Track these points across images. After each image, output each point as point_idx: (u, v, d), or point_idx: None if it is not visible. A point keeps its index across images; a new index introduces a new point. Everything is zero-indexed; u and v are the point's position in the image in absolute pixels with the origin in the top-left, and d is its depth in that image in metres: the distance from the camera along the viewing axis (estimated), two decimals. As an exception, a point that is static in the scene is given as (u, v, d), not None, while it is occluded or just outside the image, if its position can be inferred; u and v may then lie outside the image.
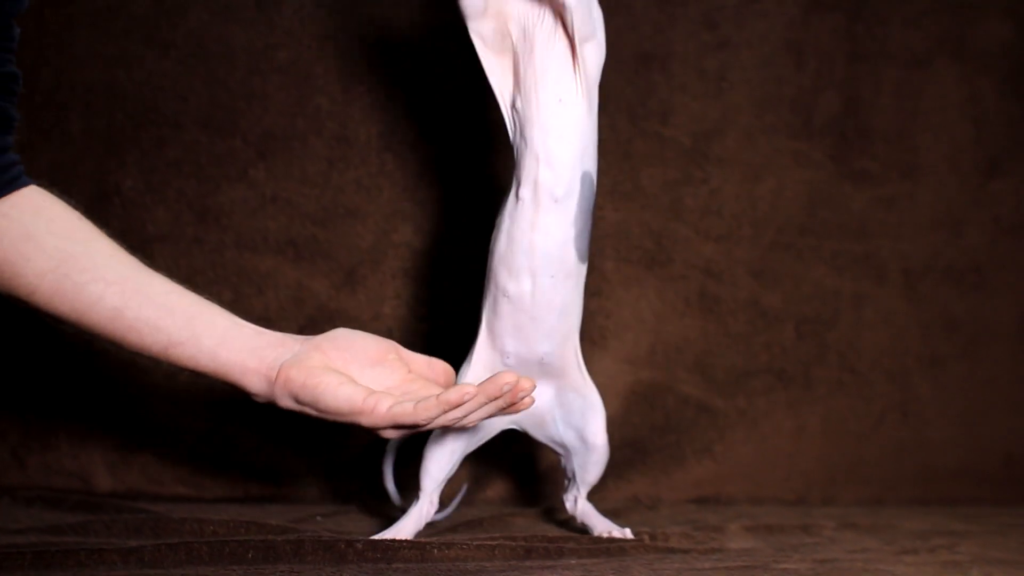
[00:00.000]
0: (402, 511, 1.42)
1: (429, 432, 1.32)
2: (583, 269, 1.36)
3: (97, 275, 1.17)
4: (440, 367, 1.23)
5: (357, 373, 1.18)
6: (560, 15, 1.31)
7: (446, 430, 1.38)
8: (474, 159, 1.86)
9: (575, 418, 1.41)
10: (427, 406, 1.12)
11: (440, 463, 1.40)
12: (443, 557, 1.25)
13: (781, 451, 1.92)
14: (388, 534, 1.35)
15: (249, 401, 1.42)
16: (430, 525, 1.47)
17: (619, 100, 1.90)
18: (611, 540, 1.37)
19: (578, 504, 1.46)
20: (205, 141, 1.83)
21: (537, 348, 1.37)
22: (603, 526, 1.42)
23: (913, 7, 1.99)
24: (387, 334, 1.81)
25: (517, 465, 1.84)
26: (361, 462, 1.81)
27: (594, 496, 1.49)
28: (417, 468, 1.42)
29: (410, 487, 1.46)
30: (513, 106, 1.35)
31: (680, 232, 1.91)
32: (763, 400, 1.93)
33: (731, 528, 1.50)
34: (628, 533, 1.41)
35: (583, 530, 1.45)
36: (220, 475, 1.80)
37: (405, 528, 1.38)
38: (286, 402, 1.17)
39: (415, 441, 1.41)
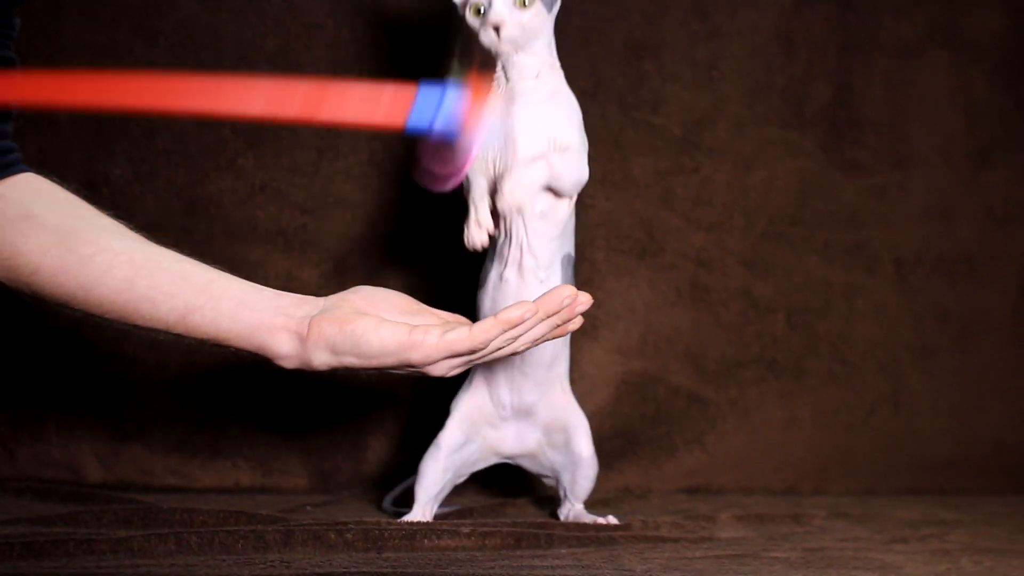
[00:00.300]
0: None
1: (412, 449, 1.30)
2: None
3: (103, 246, 1.11)
4: (465, 323, 1.14)
5: (388, 317, 1.10)
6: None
7: (438, 451, 1.43)
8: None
9: (560, 439, 1.47)
10: (485, 327, 1.06)
11: (434, 478, 1.44)
12: (433, 547, 1.24)
13: (772, 441, 1.92)
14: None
15: (239, 391, 1.41)
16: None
17: (610, 90, 1.90)
18: (599, 528, 1.38)
19: (571, 514, 1.49)
20: (194, 131, 1.82)
21: (527, 398, 1.45)
22: (591, 520, 1.45)
23: (904, -3, 1.99)
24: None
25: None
26: (350, 453, 1.81)
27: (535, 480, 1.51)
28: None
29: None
30: (494, 209, 1.38)
31: (671, 222, 1.91)
32: (754, 390, 1.92)
33: (722, 517, 1.50)
34: (612, 519, 1.44)
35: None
36: (210, 466, 1.79)
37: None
38: (322, 357, 1.08)
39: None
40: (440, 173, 0.96)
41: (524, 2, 1.35)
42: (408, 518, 1.41)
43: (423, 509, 1.43)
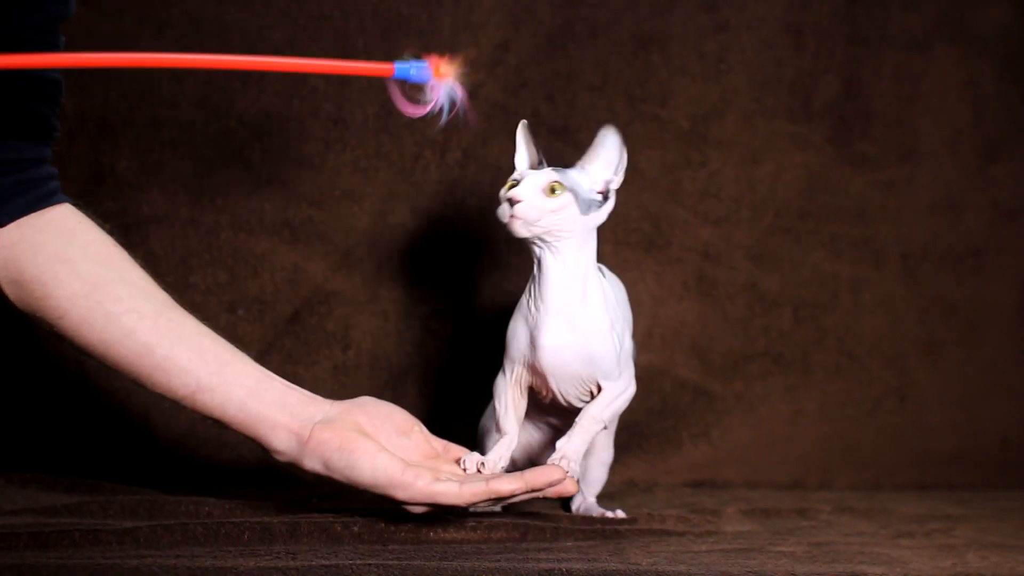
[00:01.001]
0: None
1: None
2: None
3: (131, 306, 1.14)
4: (455, 453, 1.22)
5: (385, 441, 1.16)
6: None
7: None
8: (472, 140, 1.85)
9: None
10: (475, 491, 1.11)
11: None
12: (439, 539, 1.24)
13: (778, 435, 1.92)
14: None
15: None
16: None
17: (617, 82, 1.89)
18: (605, 521, 1.37)
19: (582, 507, 1.46)
20: (200, 122, 1.82)
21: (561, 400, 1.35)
22: (599, 513, 1.43)
23: (912, -10, 1.98)
24: (383, 317, 1.82)
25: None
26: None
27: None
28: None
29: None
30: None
31: (678, 215, 1.91)
32: (760, 384, 1.92)
33: (727, 511, 1.50)
34: (620, 513, 1.42)
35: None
36: (216, 456, 1.79)
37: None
38: (312, 464, 1.15)
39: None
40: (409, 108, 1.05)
41: (554, 189, 1.27)
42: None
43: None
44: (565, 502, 1.51)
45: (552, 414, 1.37)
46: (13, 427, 1.78)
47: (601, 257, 1.87)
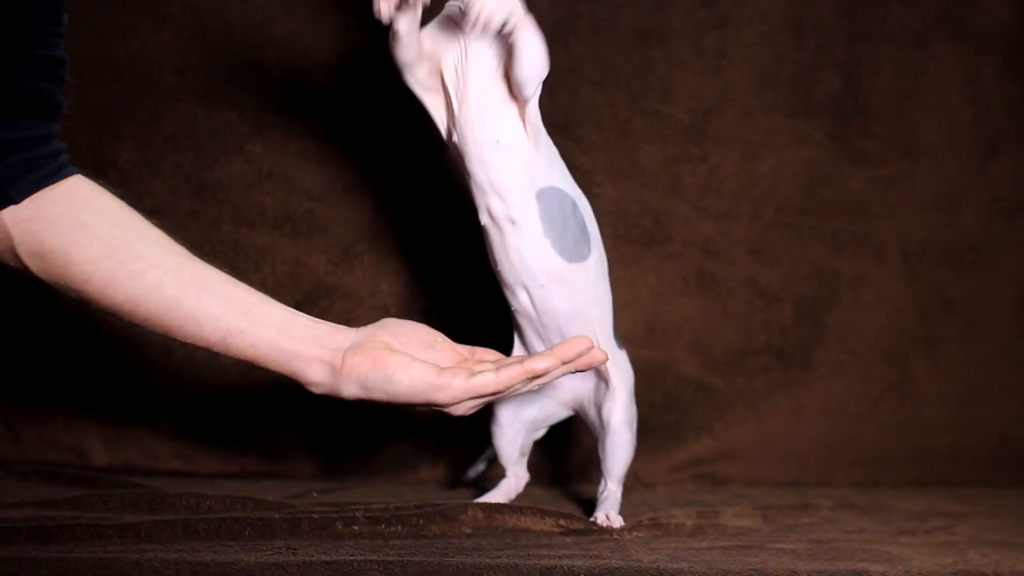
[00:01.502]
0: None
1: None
2: (583, 267, 1.35)
3: (153, 262, 1.15)
4: (482, 356, 1.23)
5: (414, 355, 1.17)
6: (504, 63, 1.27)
7: (497, 426, 1.44)
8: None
9: (598, 398, 1.41)
10: (512, 373, 1.13)
11: (507, 447, 1.44)
12: (440, 533, 1.25)
13: (779, 431, 1.92)
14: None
15: (245, 376, 1.41)
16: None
17: (618, 77, 1.89)
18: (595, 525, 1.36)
19: (606, 498, 1.41)
20: (202, 114, 1.82)
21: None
22: (602, 514, 1.39)
23: (913, -14, 1.98)
24: (384, 311, 1.82)
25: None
26: (356, 437, 1.81)
27: (592, 474, 1.49)
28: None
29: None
30: (450, 139, 1.33)
31: (679, 210, 1.91)
32: (761, 380, 1.92)
33: (728, 507, 1.50)
34: (616, 523, 1.37)
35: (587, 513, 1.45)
36: (216, 450, 1.80)
37: (494, 498, 1.42)
38: (351, 390, 1.15)
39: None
40: None
41: None
42: (503, 485, 1.42)
43: (513, 471, 1.44)
44: (591, 489, 1.50)
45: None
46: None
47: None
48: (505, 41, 1.25)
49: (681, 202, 1.91)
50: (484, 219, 1.33)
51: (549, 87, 1.85)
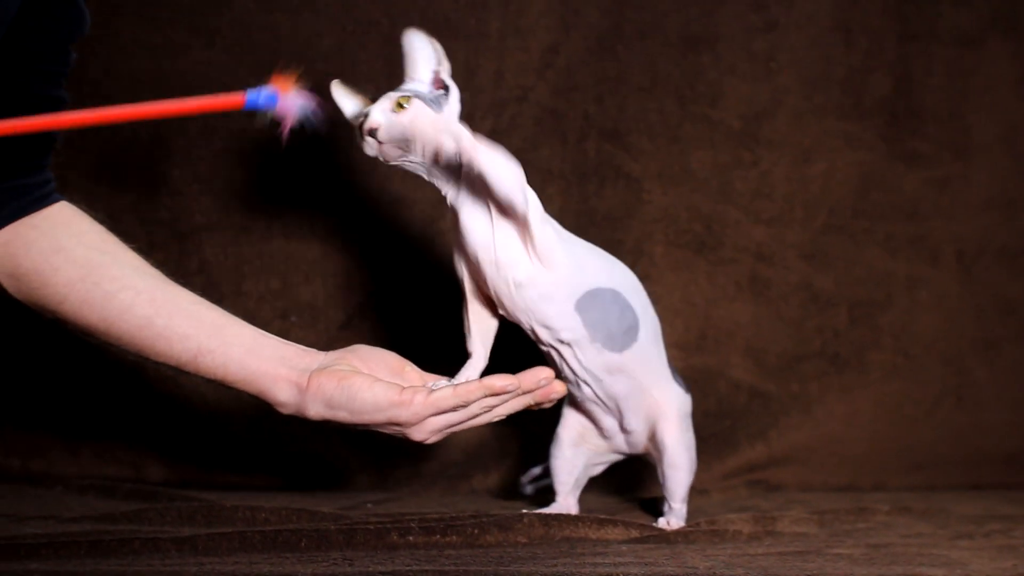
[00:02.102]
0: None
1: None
2: (637, 346, 1.34)
3: (127, 283, 1.19)
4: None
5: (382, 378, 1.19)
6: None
7: (558, 446, 1.43)
8: (522, 144, 1.85)
9: (651, 420, 1.39)
10: (469, 388, 1.15)
11: (564, 470, 1.43)
12: (495, 542, 1.24)
13: (834, 436, 1.90)
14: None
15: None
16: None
17: (667, 83, 1.89)
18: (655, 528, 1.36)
19: (671, 522, 1.40)
20: (251, 129, 1.82)
21: (630, 424, 1.40)
22: (663, 520, 1.39)
23: (963, -15, 1.96)
24: (436, 322, 1.82)
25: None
26: (410, 449, 1.81)
27: (647, 481, 1.48)
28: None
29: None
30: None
31: (730, 215, 1.90)
32: (816, 385, 1.91)
33: (784, 513, 1.48)
34: (675, 524, 1.38)
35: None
36: (271, 463, 1.80)
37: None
38: (317, 409, 1.17)
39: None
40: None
41: (400, 104, 1.23)
42: (550, 509, 1.41)
43: (564, 500, 1.43)
44: (652, 508, 1.50)
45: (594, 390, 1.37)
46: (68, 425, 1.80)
47: (652, 258, 1.87)
48: (476, 178, 1.24)
49: (732, 207, 1.90)
50: (540, 345, 1.33)
51: (598, 94, 1.87)
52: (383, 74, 1.83)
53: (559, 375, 1.34)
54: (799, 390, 1.90)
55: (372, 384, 1.16)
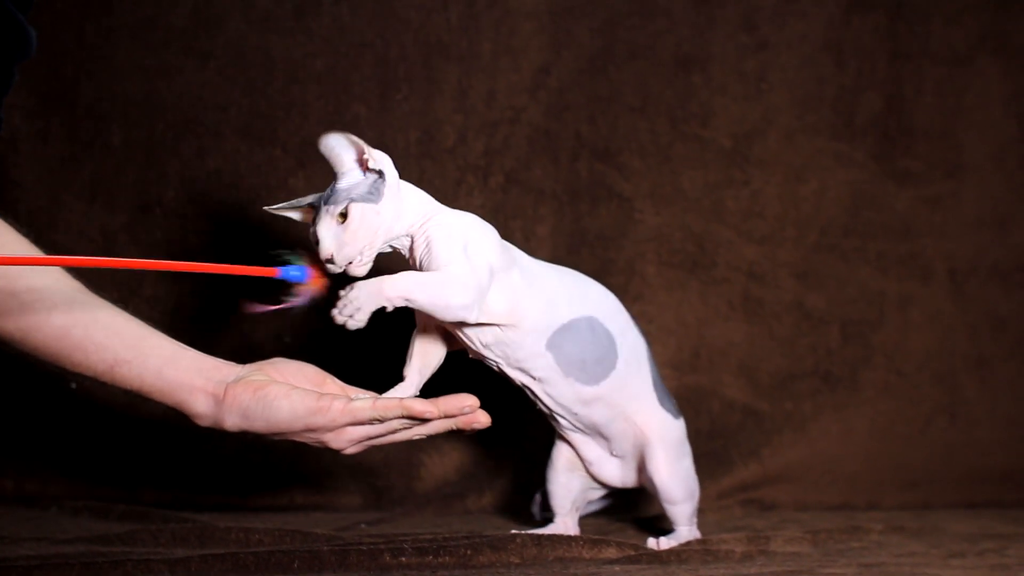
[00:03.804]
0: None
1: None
2: (613, 376, 1.34)
3: (45, 295, 1.18)
4: (371, 394, 1.24)
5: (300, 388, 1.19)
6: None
7: (552, 469, 1.43)
8: (515, 164, 1.85)
9: (638, 447, 1.40)
10: (388, 405, 1.15)
11: (559, 493, 1.43)
12: (487, 563, 1.25)
13: (828, 454, 1.90)
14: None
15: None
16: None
17: (659, 103, 1.89)
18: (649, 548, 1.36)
19: (660, 542, 1.40)
20: (245, 151, 1.83)
21: (616, 450, 1.41)
22: (654, 540, 1.40)
23: (954, 4, 1.96)
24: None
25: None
26: (404, 470, 1.82)
27: (639, 501, 1.47)
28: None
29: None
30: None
31: (722, 234, 1.90)
32: (809, 403, 1.91)
33: (777, 532, 1.48)
34: (665, 545, 1.39)
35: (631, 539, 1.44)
36: (264, 484, 1.80)
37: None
38: (233, 420, 1.17)
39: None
40: (259, 308, 1.16)
41: (341, 215, 1.23)
42: (547, 530, 1.40)
43: (562, 520, 1.43)
44: (647, 527, 1.50)
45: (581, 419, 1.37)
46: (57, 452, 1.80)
47: (645, 278, 1.87)
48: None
49: (724, 227, 1.91)
50: (516, 382, 1.33)
51: (590, 114, 1.87)
52: (375, 95, 1.84)
53: (535, 407, 1.35)
54: (792, 409, 1.90)
55: (289, 392, 1.15)
